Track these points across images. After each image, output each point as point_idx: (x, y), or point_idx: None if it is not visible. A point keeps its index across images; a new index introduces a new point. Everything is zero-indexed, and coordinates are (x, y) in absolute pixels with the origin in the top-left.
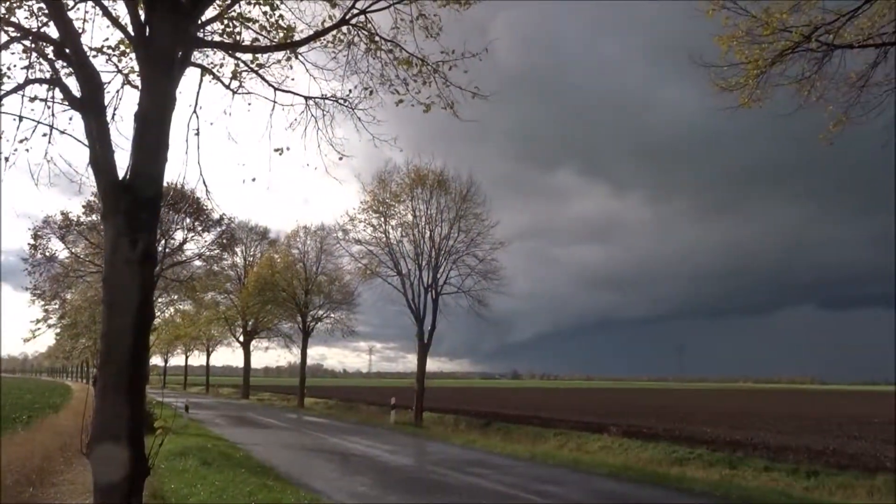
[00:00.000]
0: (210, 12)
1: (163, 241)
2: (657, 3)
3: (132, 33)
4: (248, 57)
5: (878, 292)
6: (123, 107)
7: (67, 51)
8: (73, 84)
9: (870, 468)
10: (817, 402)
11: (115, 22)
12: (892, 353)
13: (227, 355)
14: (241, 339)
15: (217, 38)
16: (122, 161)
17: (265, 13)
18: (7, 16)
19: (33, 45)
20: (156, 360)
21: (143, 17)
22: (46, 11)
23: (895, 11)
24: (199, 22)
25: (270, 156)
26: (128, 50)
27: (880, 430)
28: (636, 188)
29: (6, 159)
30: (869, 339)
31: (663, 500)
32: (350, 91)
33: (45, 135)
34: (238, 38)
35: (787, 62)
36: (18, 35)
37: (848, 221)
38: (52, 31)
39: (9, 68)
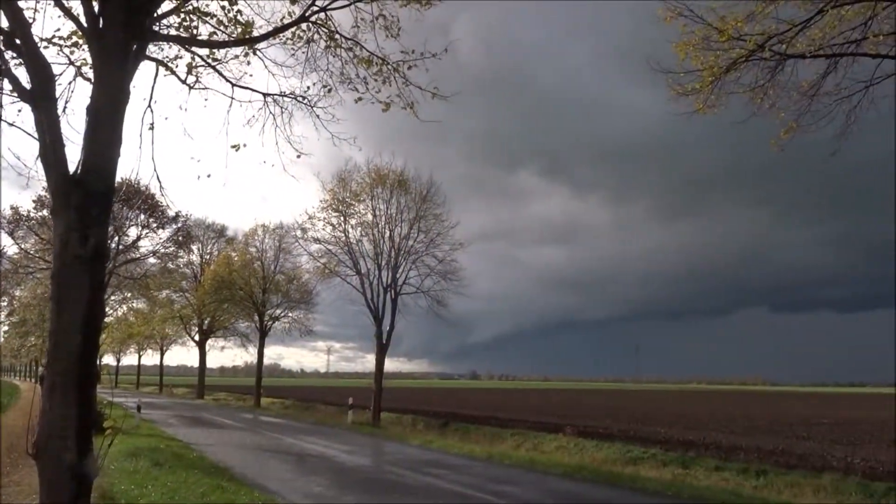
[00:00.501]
0: (166, 5)
1: (115, 238)
2: (620, 8)
3: (85, 24)
4: (204, 52)
5: (827, 296)
6: (75, 99)
7: (17, 41)
8: (22, 75)
9: (817, 468)
10: (768, 403)
11: (67, 12)
12: (836, 355)
13: (182, 355)
14: (197, 338)
15: (173, 32)
16: (74, 155)
17: (223, 8)
18: None
19: None
20: (108, 360)
21: (96, 9)
22: None
23: (845, 23)
24: (155, 15)
25: (227, 152)
26: (81, 41)
27: (828, 430)
28: (597, 190)
29: None
30: (818, 342)
31: (617, 500)
32: (309, 88)
33: None
34: (195, 32)
35: (742, 70)
36: None
37: (800, 227)
38: (1, 21)
39: None
